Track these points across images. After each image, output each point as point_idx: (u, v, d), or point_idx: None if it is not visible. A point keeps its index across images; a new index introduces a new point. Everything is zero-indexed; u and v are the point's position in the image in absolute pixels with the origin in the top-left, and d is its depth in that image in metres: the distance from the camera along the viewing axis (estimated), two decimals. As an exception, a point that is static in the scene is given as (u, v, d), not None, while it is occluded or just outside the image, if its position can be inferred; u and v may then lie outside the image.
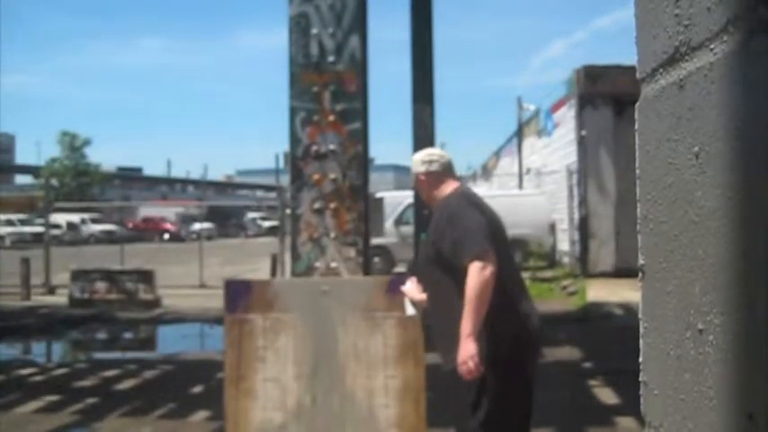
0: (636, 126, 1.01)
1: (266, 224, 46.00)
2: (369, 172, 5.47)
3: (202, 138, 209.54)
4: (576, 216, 17.03)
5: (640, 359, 1.00)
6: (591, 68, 16.58)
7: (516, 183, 26.06)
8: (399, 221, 17.72)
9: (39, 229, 24.35)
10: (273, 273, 14.53)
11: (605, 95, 16.08)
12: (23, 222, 35.09)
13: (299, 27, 5.05)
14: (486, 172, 38.12)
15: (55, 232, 24.87)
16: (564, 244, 18.33)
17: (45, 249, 16.47)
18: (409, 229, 14.22)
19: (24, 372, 8.37)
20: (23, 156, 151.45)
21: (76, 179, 50.21)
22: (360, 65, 5.07)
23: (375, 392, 4.13)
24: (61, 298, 14.13)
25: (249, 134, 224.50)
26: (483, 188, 30.49)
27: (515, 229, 10.28)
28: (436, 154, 3.70)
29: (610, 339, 8.99)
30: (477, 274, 3.10)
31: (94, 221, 41.36)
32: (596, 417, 5.92)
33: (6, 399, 6.84)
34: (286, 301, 4.26)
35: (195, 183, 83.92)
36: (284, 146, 7.00)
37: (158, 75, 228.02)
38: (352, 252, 4.99)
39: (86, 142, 52.53)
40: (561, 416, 5.74)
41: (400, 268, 16.70)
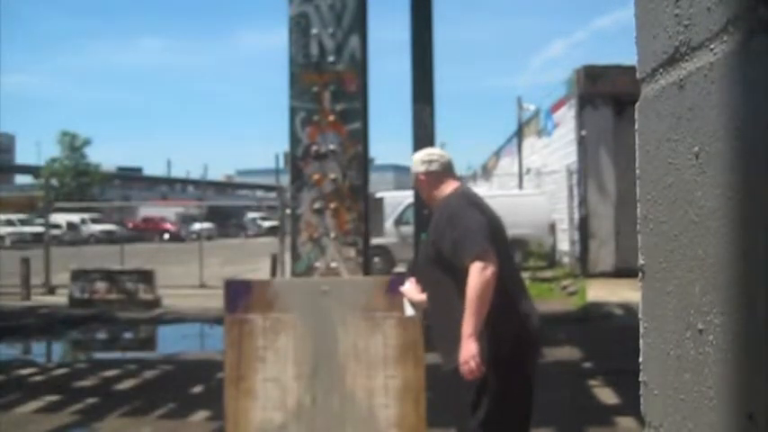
0: (636, 126, 1.01)
1: (266, 224, 46.00)
2: (369, 172, 5.47)
3: (202, 138, 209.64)
4: (576, 216, 17.03)
5: (640, 359, 1.00)
6: (591, 68, 16.58)
7: (516, 183, 26.06)
8: (399, 221, 17.71)
9: (39, 229, 24.33)
10: (273, 273, 14.52)
11: (605, 95, 16.08)
12: (23, 222, 35.08)
13: (299, 27, 5.05)
14: (486, 172, 38.12)
15: (55, 232, 24.87)
16: (564, 244, 18.33)
17: (45, 249, 16.47)
18: (409, 229, 14.22)
19: (24, 372, 8.36)
20: (23, 156, 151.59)
21: (76, 179, 50.21)
22: (360, 65, 5.07)
23: (375, 392, 4.13)
24: (61, 298, 14.13)
25: (249, 134, 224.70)
26: (483, 188, 30.47)
27: (515, 229, 10.27)
28: (436, 154, 3.69)
29: (610, 339, 8.99)
30: (478, 275, 3.10)
31: (94, 221, 41.35)
32: (596, 417, 5.92)
33: (6, 399, 6.84)
34: (286, 301, 4.26)
35: (195, 183, 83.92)
36: (284, 146, 7.01)
37: (158, 75, 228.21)
38: (352, 252, 4.99)
39: (86, 142, 52.59)
40: (561, 416, 5.74)
41: (400, 268, 16.68)
